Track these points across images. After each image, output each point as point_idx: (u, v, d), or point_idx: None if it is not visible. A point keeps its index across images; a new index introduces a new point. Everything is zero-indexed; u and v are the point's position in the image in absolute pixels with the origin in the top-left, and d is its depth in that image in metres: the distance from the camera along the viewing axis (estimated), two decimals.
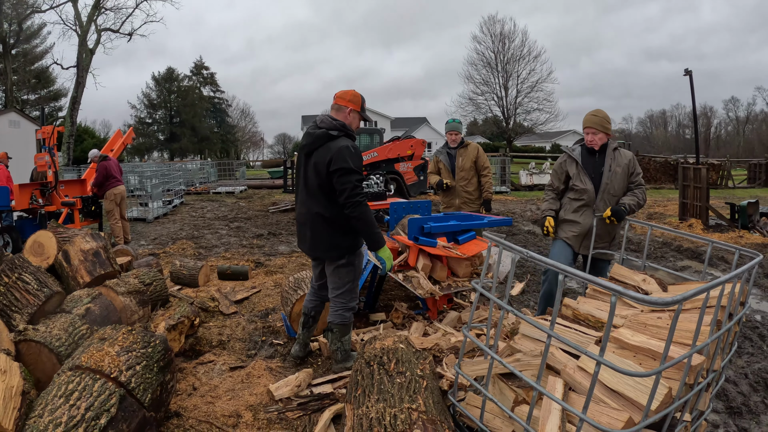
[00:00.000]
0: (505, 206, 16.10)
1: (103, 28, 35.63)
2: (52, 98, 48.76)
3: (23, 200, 9.17)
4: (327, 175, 3.44)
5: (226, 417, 3.24)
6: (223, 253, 8.92)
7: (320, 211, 3.55)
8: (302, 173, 3.68)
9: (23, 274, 3.81)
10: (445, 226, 4.75)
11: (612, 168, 4.27)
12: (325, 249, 3.62)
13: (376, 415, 2.40)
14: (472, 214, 5.62)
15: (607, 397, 2.21)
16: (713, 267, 7.89)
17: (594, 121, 4.26)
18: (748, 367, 4.39)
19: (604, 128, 4.27)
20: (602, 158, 4.33)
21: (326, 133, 3.51)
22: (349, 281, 3.70)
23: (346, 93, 3.69)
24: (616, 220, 4.10)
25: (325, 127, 3.54)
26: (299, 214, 3.75)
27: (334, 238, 3.57)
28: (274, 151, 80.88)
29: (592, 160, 4.37)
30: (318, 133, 3.53)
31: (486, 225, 5.01)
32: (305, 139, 3.62)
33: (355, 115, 3.68)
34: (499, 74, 48.71)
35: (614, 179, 4.26)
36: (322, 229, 3.58)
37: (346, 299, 3.71)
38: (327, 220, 3.55)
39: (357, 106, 3.66)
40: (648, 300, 1.81)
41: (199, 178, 27.23)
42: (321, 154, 3.48)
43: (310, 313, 4.02)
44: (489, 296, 2.49)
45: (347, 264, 3.65)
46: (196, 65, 65.54)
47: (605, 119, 4.29)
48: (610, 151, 4.32)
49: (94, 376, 2.66)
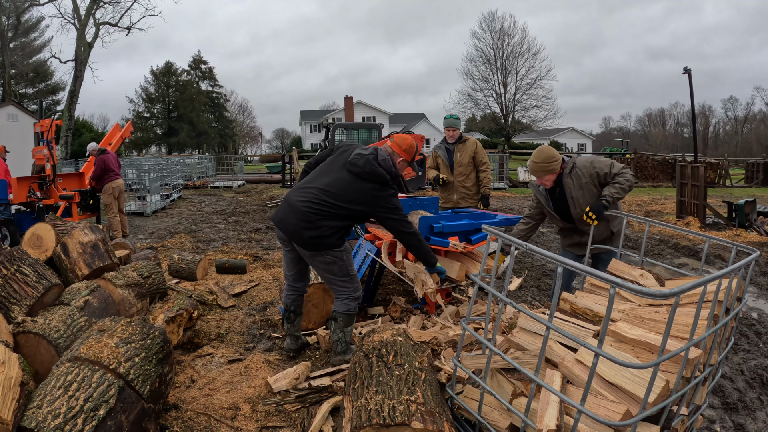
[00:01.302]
0: (503, 202, 16.12)
1: (102, 21, 35.57)
2: (50, 92, 48.59)
3: (21, 193, 9.15)
4: (366, 211, 3.66)
5: (224, 409, 3.25)
6: (222, 247, 8.92)
7: (326, 210, 3.56)
8: (332, 174, 3.71)
9: (22, 266, 3.80)
10: (457, 225, 4.63)
11: (575, 195, 4.10)
12: (304, 241, 3.59)
13: (374, 406, 2.41)
14: (486, 212, 5.53)
15: (605, 390, 2.22)
16: (711, 265, 7.92)
17: (536, 168, 4.09)
18: (744, 364, 4.41)
19: (550, 170, 4.05)
20: (562, 191, 4.17)
21: (385, 178, 3.65)
22: (344, 275, 3.72)
23: (404, 141, 3.85)
24: (597, 218, 3.89)
25: (385, 169, 3.67)
26: (295, 198, 3.65)
27: (319, 236, 3.56)
28: (272, 146, 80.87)
29: (554, 195, 4.24)
30: (378, 172, 3.63)
31: (498, 224, 4.88)
32: (360, 162, 3.64)
33: (404, 164, 3.86)
34: (498, 71, 48.78)
35: (582, 200, 4.09)
36: (312, 226, 3.54)
37: (350, 290, 3.73)
38: (326, 220, 3.56)
39: (410, 157, 3.86)
40: (645, 292, 1.82)
41: (197, 172, 27.21)
42: (369, 191, 3.62)
43: (290, 308, 4.02)
44: (488, 289, 2.50)
45: (334, 261, 3.65)
46: (195, 59, 65.36)
47: (547, 160, 4.05)
48: (567, 179, 4.12)
49: (93, 367, 2.66)
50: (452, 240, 4.52)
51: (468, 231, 4.70)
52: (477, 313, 4.42)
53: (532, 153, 4.19)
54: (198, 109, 62.28)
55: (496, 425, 2.49)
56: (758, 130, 67.10)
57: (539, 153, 4.11)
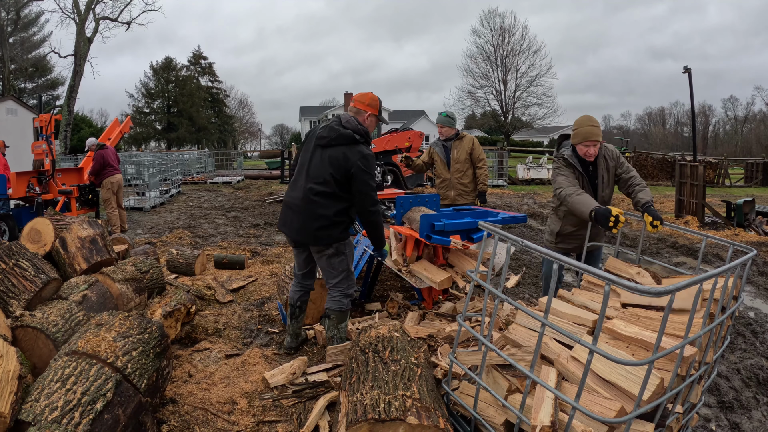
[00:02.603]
0: (502, 200, 16.12)
1: (102, 16, 35.51)
2: (49, 87, 48.49)
3: (20, 188, 9.14)
4: (345, 173, 3.55)
5: (221, 404, 3.26)
6: (220, 242, 8.92)
7: (319, 199, 3.58)
8: (308, 160, 3.71)
9: (20, 261, 3.81)
10: (459, 224, 4.54)
11: (604, 178, 4.06)
12: (312, 236, 3.63)
13: (370, 401, 2.42)
14: (488, 210, 5.47)
15: (600, 387, 2.24)
16: (709, 264, 7.93)
17: (595, 132, 3.86)
18: (740, 363, 4.42)
19: (601, 136, 3.92)
20: (595, 169, 4.08)
21: (352, 136, 3.61)
22: (343, 270, 3.73)
23: (364, 96, 3.79)
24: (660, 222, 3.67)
25: (350, 129, 3.63)
26: (291, 198, 3.74)
27: (325, 227, 3.59)
28: (272, 142, 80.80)
29: (587, 172, 4.09)
30: (344, 132, 3.61)
31: (501, 222, 4.74)
32: (325, 132, 3.66)
33: (373, 119, 3.80)
34: (498, 68, 48.79)
35: (607, 186, 4.08)
36: (315, 217, 3.60)
37: (344, 286, 3.75)
38: (322, 208, 3.58)
39: (375, 110, 3.78)
40: (640, 289, 1.83)
41: (197, 167, 27.19)
42: (341, 152, 3.57)
43: (296, 303, 4.04)
44: (485, 285, 2.51)
45: (337, 254, 3.68)
46: (195, 55, 65.17)
47: (599, 125, 3.96)
48: (601, 159, 4.05)
49: (90, 361, 2.67)
50: (454, 238, 4.46)
51: (470, 229, 4.65)
52: (474, 309, 4.44)
53: (582, 119, 3.94)
54: (197, 105, 62.13)
55: (492, 421, 2.50)
56: (758, 130, 67.06)
57: (593, 118, 3.91)
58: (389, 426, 2.33)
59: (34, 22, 45.81)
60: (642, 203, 3.83)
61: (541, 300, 3.19)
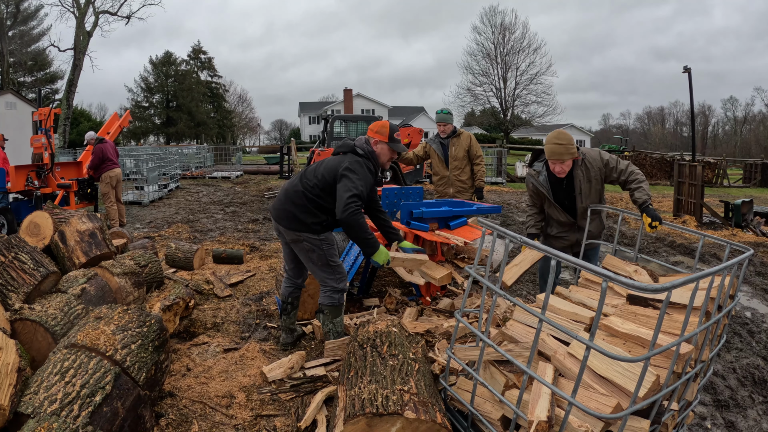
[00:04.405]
0: (500, 197, 16.12)
1: (101, 10, 35.39)
2: (48, 80, 48.36)
3: (19, 182, 9.13)
4: (335, 176, 3.61)
5: (219, 398, 3.27)
6: (219, 237, 8.93)
7: (305, 190, 3.69)
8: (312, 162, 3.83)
9: (19, 254, 3.81)
10: (437, 212, 4.76)
11: (583, 189, 4.01)
12: (285, 217, 3.74)
13: (368, 395, 2.44)
14: (464, 201, 5.66)
15: (597, 384, 2.25)
16: (706, 263, 7.95)
17: (562, 151, 3.80)
18: (736, 362, 4.45)
19: (572, 153, 3.83)
20: (571, 182, 4.04)
21: (354, 148, 3.72)
22: (324, 265, 3.73)
23: (375, 125, 3.87)
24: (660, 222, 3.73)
25: (356, 144, 3.76)
26: (286, 184, 3.94)
27: (299, 211, 3.68)
28: (271, 137, 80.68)
29: (561, 187, 4.09)
30: (350, 143, 3.77)
31: (475, 212, 5.06)
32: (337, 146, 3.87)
33: (383, 146, 3.80)
34: (498, 65, 48.70)
35: (589, 195, 4.04)
36: (293, 201, 3.71)
37: (332, 282, 3.75)
38: (304, 198, 3.68)
39: (384, 137, 3.79)
40: (637, 286, 1.84)
41: (195, 162, 27.16)
42: (340, 158, 3.72)
43: (287, 299, 4.07)
44: (482, 281, 2.52)
45: (312, 249, 3.70)
46: (194, 49, 65.04)
47: (570, 143, 3.84)
48: (578, 170, 3.99)
49: (89, 354, 2.68)
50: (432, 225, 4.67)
51: (447, 217, 4.85)
52: (472, 306, 4.45)
53: (550, 136, 3.90)
54: (197, 99, 62.06)
55: (489, 416, 2.52)
56: (757, 130, 67.12)
57: (562, 135, 3.84)
58: (387, 420, 2.34)
59: (34, 15, 45.65)
60: (639, 203, 3.84)
61: (539, 297, 3.20)
